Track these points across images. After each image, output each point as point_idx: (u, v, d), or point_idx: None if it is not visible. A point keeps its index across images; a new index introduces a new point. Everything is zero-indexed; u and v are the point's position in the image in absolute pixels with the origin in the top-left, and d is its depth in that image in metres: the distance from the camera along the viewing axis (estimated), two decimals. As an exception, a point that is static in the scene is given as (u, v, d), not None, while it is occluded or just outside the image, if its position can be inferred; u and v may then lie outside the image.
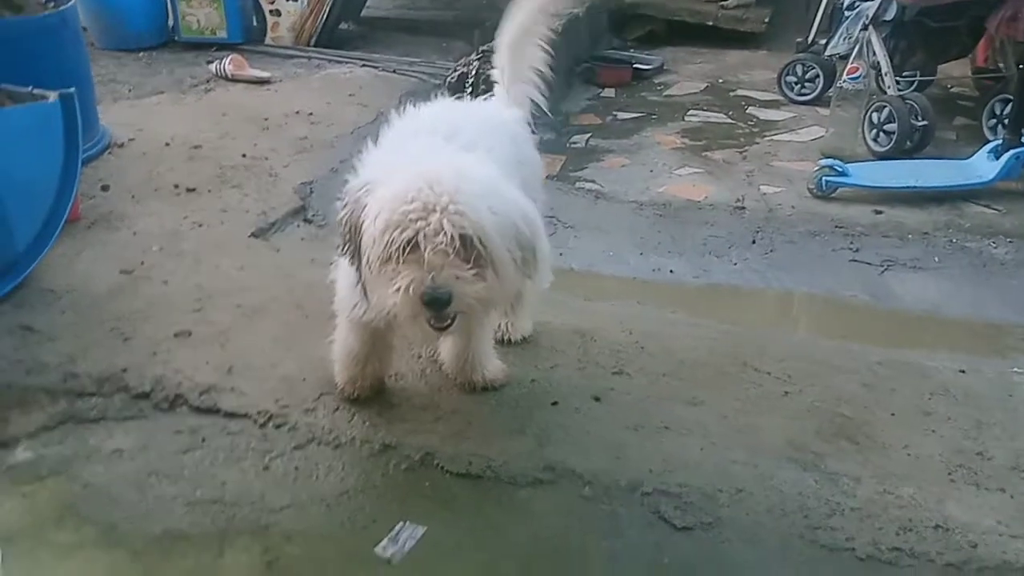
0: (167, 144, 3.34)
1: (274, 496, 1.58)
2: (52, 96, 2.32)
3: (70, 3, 3.06)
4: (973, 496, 1.67)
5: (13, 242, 2.20)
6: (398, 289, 1.39)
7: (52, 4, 3.09)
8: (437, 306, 1.40)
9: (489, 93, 3.02)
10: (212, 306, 2.23)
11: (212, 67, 4.39)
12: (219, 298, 2.28)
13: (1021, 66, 3.16)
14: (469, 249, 1.40)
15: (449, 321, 1.45)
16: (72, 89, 2.37)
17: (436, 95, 2.62)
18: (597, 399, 1.95)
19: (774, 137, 3.91)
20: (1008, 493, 1.68)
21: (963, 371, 2.16)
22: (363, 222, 1.45)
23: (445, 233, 1.37)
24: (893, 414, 1.94)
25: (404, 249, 1.38)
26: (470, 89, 3.08)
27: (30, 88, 2.38)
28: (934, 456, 1.79)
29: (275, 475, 1.64)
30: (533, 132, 2.15)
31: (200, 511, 1.54)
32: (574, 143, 3.82)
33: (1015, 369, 2.23)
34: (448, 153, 1.64)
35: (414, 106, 1.92)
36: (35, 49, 2.80)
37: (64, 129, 2.36)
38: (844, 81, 3.56)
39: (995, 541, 1.54)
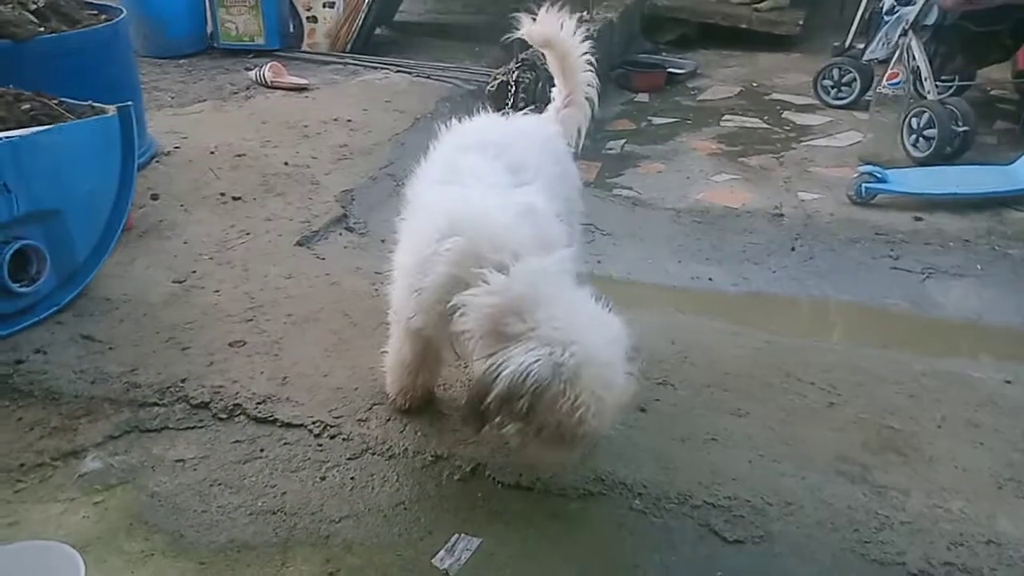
0: (212, 152, 3.42)
1: (332, 506, 1.63)
2: (111, 110, 2.39)
3: (122, 15, 3.15)
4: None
5: (74, 253, 2.28)
6: (565, 452, 1.47)
7: (105, 17, 3.18)
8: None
9: (529, 104, 3.08)
10: (263, 316, 2.28)
11: (252, 74, 4.47)
12: (269, 307, 2.34)
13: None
14: None
15: None
16: (129, 103, 2.44)
17: (479, 106, 2.69)
18: (643, 410, 1.97)
19: (811, 142, 3.89)
20: (1059, 508, 1.68)
21: (1009, 381, 2.15)
22: (546, 405, 1.41)
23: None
24: (940, 426, 1.95)
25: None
26: (511, 99, 3.10)
27: (89, 102, 2.45)
28: (983, 469, 1.79)
29: (332, 485, 1.69)
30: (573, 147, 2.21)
31: (262, 521, 1.59)
32: (609, 149, 3.84)
33: (1062, 379, 2.21)
34: (505, 179, 1.69)
35: (453, 115, 1.96)
36: (90, 61, 2.89)
37: (121, 141, 2.43)
38: (884, 87, 3.54)
39: (1049, 556, 1.55)
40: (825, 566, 1.53)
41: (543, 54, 2.29)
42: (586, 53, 2.22)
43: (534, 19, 2.18)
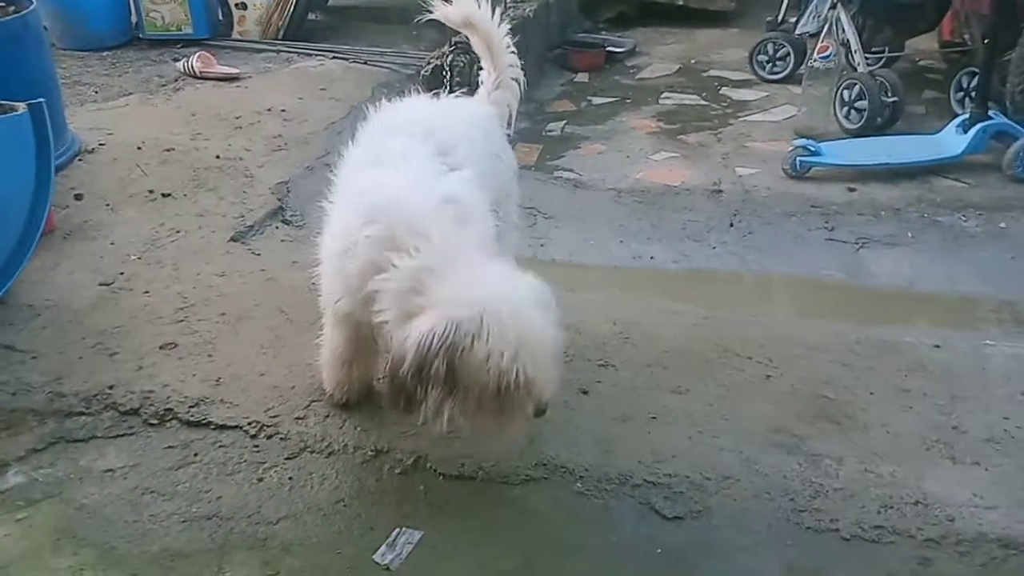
0: (139, 148, 3.30)
1: (270, 508, 1.60)
2: (21, 107, 2.29)
3: (32, 6, 3.01)
4: (950, 470, 1.73)
5: (-11, 258, 2.18)
6: (516, 418, 1.47)
7: (12, 8, 3.03)
8: (543, 414, 1.50)
9: (463, 87, 3.05)
10: (195, 316, 2.22)
11: (180, 65, 4.33)
12: (201, 307, 2.27)
13: (986, 40, 3.19)
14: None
15: None
16: (41, 100, 2.33)
17: (412, 90, 2.64)
18: (584, 392, 1.98)
19: (748, 118, 3.93)
20: (983, 466, 1.73)
21: (938, 346, 2.21)
22: (460, 372, 1.41)
23: (548, 368, 1.44)
24: (872, 393, 2.00)
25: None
26: (446, 83, 3.06)
27: (-4, 101, 2.34)
28: (912, 433, 1.85)
29: (269, 486, 1.65)
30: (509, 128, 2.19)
31: (197, 527, 1.55)
32: (550, 131, 3.82)
33: (987, 341, 2.29)
34: (432, 165, 1.67)
35: (388, 100, 1.93)
36: (-2, 57, 2.76)
37: (35, 141, 2.33)
38: (814, 60, 3.59)
39: (971, 514, 1.60)
40: (761, 536, 1.56)
41: (474, 36, 2.26)
42: (506, 35, 2.20)
43: (448, 2, 2.14)
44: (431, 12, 2.16)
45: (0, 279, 2.22)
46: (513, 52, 2.19)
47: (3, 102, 2.31)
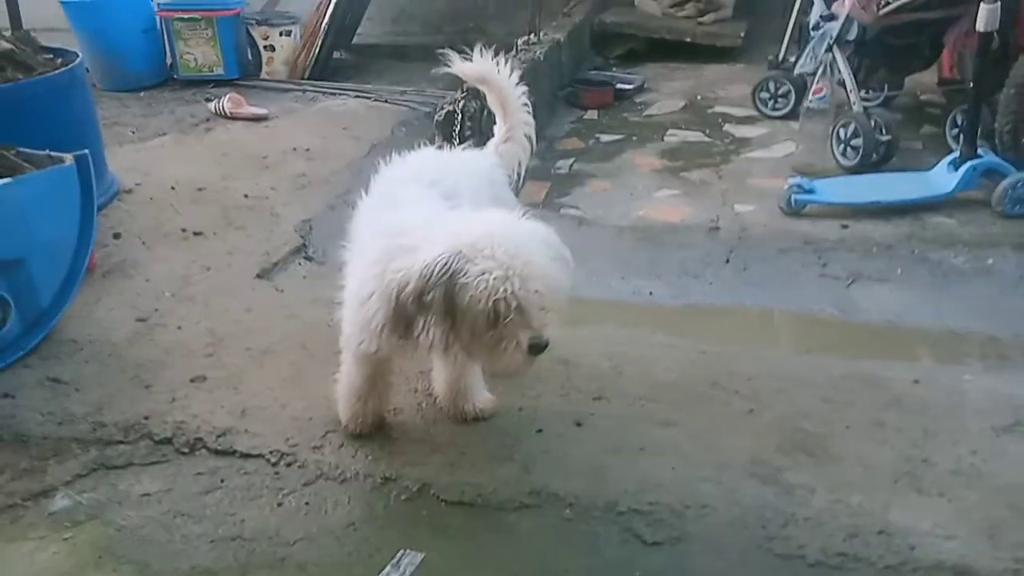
0: (172, 188, 3.54)
1: (288, 530, 1.77)
2: (68, 159, 2.52)
3: (77, 59, 3.26)
4: (915, 501, 1.85)
5: (38, 299, 2.40)
6: (509, 348, 1.61)
7: (60, 60, 3.29)
8: (542, 351, 1.64)
9: (475, 133, 3.24)
10: (224, 350, 2.42)
11: (211, 106, 4.59)
12: (230, 341, 2.47)
13: (972, 83, 3.33)
14: (551, 299, 1.64)
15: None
16: (86, 151, 2.56)
17: (430, 132, 2.82)
18: (579, 424, 2.13)
19: (749, 154, 4.08)
20: (946, 498, 1.86)
21: (917, 381, 2.33)
22: (458, 297, 1.57)
23: (542, 296, 1.59)
24: (848, 426, 2.12)
25: (510, 316, 1.57)
26: (458, 128, 3.26)
27: (46, 151, 2.57)
28: (883, 465, 1.97)
29: (288, 511, 1.83)
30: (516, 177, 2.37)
31: (222, 547, 1.73)
32: (558, 168, 4.00)
33: (966, 376, 2.41)
34: (442, 206, 1.85)
35: (399, 153, 2.12)
36: (47, 108, 3.01)
37: (80, 188, 2.55)
38: (810, 101, 3.74)
39: (931, 543, 1.72)
40: (734, 561, 1.70)
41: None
42: (522, 94, 2.37)
43: (467, 57, 2.33)
44: (448, 66, 2.34)
45: (48, 316, 2.43)
46: (528, 109, 2.35)
47: (52, 154, 2.54)
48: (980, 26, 3.12)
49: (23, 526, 1.78)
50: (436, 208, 1.86)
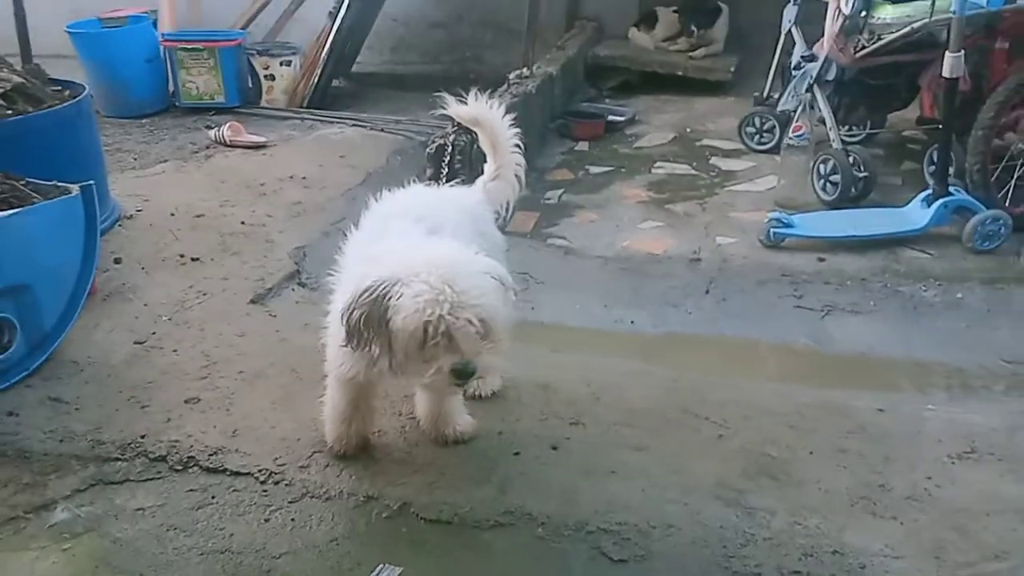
0: (172, 214, 3.66)
1: (274, 545, 1.87)
2: (74, 190, 2.64)
3: (84, 92, 3.40)
4: (870, 523, 1.95)
5: (42, 322, 2.51)
6: (437, 370, 1.73)
7: (69, 93, 3.43)
8: (467, 377, 1.76)
9: (465, 165, 3.37)
10: (217, 373, 2.53)
11: (211, 134, 4.72)
12: (223, 365, 2.58)
13: (940, 125, 3.47)
14: (484, 327, 1.74)
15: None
16: (91, 182, 2.69)
17: (419, 169, 2.93)
18: (555, 448, 2.24)
19: (733, 187, 4.22)
20: (899, 520, 1.96)
21: (881, 409, 2.44)
22: (391, 318, 1.70)
23: (474, 324, 1.71)
24: (812, 452, 2.23)
25: (437, 340, 1.70)
26: (447, 161, 3.39)
27: (53, 182, 2.70)
28: (842, 489, 2.07)
29: (275, 526, 1.93)
30: (504, 214, 2.49)
31: (212, 560, 1.83)
32: (547, 199, 4.13)
33: (929, 406, 2.51)
34: (425, 239, 1.97)
35: (390, 190, 2.25)
36: (55, 138, 3.13)
37: (85, 216, 2.68)
38: (790, 138, 3.88)
39: (880, 563, 1.82)
40: (695, 579, 1.80)
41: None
42: (514, 135, 2.46)
43: (461, 100, 2.46)
44: (444, 108, 2.46)
45: (51, 338, 2.54)
46: (518, 150, 2.44)
47: (59, 184, 2.66)
48: (946, 72, 3.27)
49: (25, 537, 1.87)
50: (419, 241, 1.98)
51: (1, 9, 4.58)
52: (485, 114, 2.43)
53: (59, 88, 3.46)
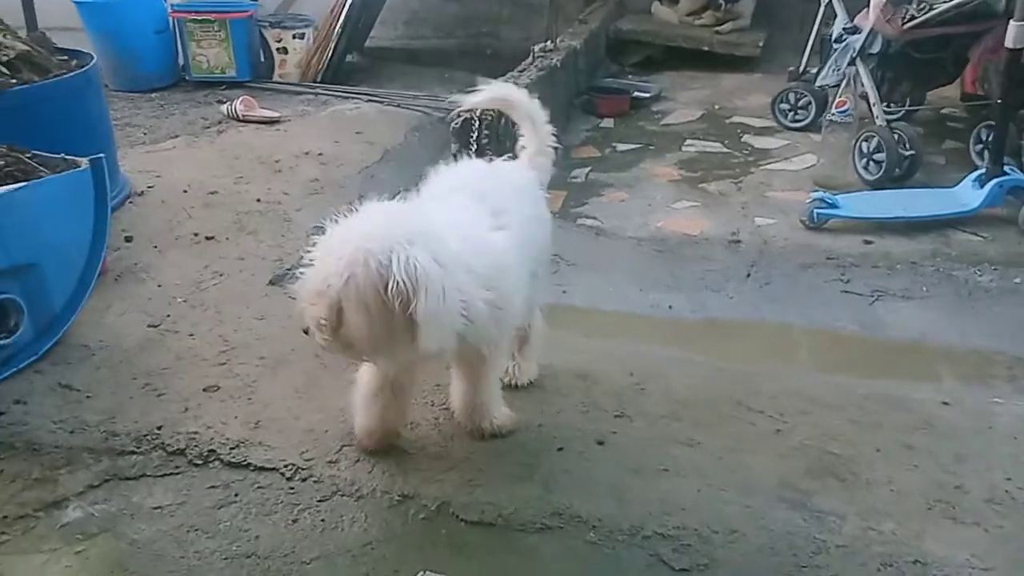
0: (184, 191, 3.50)
1: (303, 548, 1.72)
2: (83, 163, 2.48)
3: (92, 62, 3.23)
4: (950, 530, 1.79)
5: (51, 303, 2.35)
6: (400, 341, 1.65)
7: (75, 62, 3.25)
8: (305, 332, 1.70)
9: (492, 139, 3.19)
10: (236, 359, 2.37)
11: (224, 108, 4.55)
12: (242, 350, 2.42)
13: (999, 99, 3.28)
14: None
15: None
16: (101, 155, 2.52)
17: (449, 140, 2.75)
18: (600, 443, 2.08)
19: (768, 166, 4.04)
20: (982, 527, 1.80)
21: (946, 403, 2.28)
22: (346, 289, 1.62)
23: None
24: (878, 450, 2.07)
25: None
26: (475, 136, 3.22)
27: (61, 155, 2.53)
28: (915, 491, 1.92)
29: (303, 528, 1.78)
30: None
31: (237, 565, 1.68)
32: (574, 177, 3.96)
33: (996, 399, 2.35)
34: (473, 213, 1.85)
35: (446, 164, 2.09)
36: (62, 109, 2.97)
37: (95, 191, 2.51)
38: (833, 115, 3.69)
39: (968, 574, 1.67)
40: (765, 590, 1.65)
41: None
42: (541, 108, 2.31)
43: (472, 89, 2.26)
44: (460, 106, 2.29)
45: (59, 320, 2.39)
46: (548, 123, 2.30)
47: (67, 157, 2.50)
48: (1010, 42, 3.07)
49: (35, 538, 1.73)
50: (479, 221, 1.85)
51: (4, -24, 4.40)
52: (510, 94, 2.28)
53: (66, 58, 3.28)
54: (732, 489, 1.91)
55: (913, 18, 3.53)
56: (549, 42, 4.59)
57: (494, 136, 3.27)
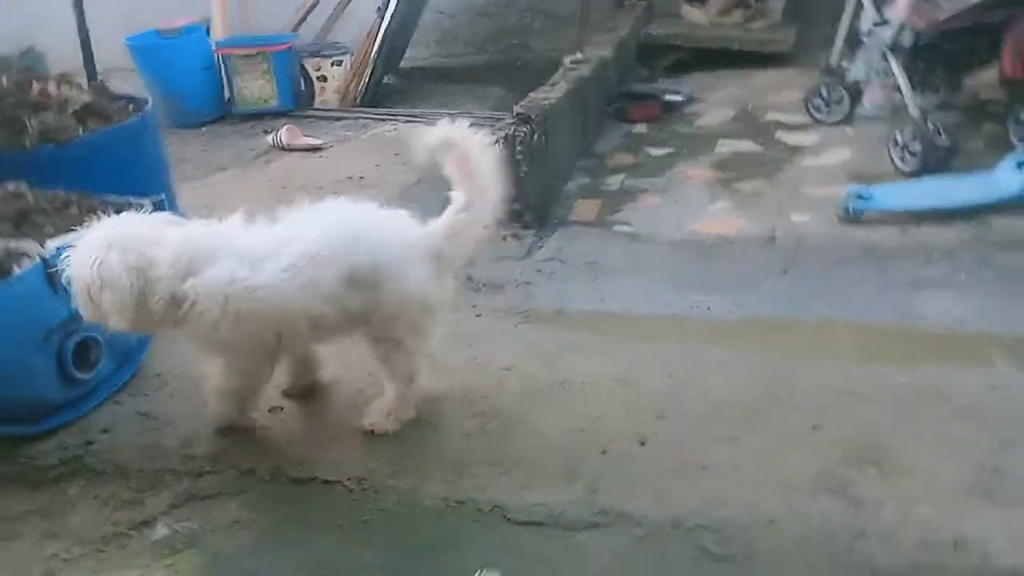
0: (238, 222, 3.68)
1: (369, 557, 1.86)
2: (147, 205, 2.67)
3: (148, 105, 3.45)
4: (989, 513, 1.84)
5: (127, 337, 2.54)
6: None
7: (133, 107, 3.48)
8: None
9: (528, 158, 3.26)
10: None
11: (270, 138, 4.77)
12: (302, 372, 2.58)
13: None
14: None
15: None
16: (162, 195, 2.72)
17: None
18: (642, 443, 2.18)
19: (802, 163, 4.05)
20: (1022, 509, 1.84)
21: (988, 388, 2.31)
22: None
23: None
24: (917, 437, 2.12)
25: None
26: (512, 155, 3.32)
27: (127, 198, 2.73)
28: (955, 476, 1.96)
29: (368, 537, 1.92)
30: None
31: (307, 571, 1.82)
32: (609, 185, 4.04)
33: (1042, 385, 2.37)
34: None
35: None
36: (124, 153, 3.17)
37: (158, 231, 2.70)
38: (866, 108, 3.70)
39: (1008, 552, 1.71)
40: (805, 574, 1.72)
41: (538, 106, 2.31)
42: (494, 164, 2.12)
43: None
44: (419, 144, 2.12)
45: (136, 352, 2.58)
46: (500, 181, 2.09)
47: (132, 200, 2.69)
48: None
49: (129, 554, 1.90)
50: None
51: (56, 24, 4.68)
52: (456, 136, 2.10)
53: (123, 103, 3.51)
54: (771, 482, 1.99)
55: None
56: (578, 52, 4.69)
57: (527, 154, 3.38)
